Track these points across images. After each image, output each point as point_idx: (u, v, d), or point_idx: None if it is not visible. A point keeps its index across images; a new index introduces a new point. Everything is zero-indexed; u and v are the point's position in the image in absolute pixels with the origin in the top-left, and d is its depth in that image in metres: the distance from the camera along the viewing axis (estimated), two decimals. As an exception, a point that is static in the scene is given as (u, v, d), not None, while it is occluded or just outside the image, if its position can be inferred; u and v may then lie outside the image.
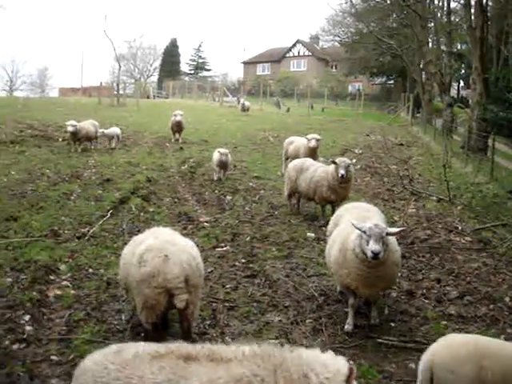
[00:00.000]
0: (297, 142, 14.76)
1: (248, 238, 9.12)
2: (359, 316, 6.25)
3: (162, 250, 4.77)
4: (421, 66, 39.67)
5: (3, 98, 56.35)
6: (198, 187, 13.03)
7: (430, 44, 36.14)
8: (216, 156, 13.41)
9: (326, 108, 48.95)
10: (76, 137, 17.18)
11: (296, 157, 13.36)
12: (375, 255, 5.13)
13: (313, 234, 9.51)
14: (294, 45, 77.09)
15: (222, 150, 13.41)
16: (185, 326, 5.01)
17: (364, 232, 5.25)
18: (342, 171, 9.88)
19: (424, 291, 7.14)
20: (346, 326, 5.92)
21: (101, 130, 18.55)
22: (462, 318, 6.34)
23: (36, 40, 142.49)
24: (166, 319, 5.55)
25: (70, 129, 16.78)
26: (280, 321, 6.10)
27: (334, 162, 10.17)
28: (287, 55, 77.40)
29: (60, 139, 19.31)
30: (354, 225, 5.37)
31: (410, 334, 5.88)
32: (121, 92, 44.09)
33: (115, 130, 19.04)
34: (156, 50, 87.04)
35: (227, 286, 7.05)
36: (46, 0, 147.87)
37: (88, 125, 17.82)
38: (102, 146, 18.71)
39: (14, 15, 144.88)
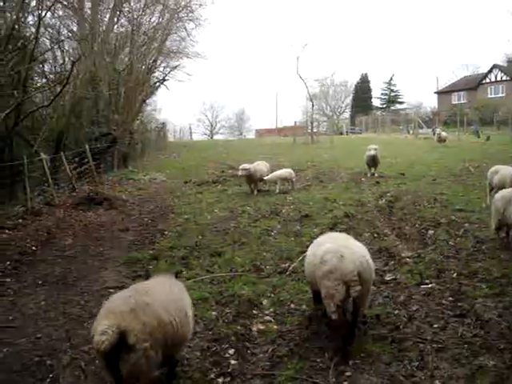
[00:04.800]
0: (503, 171, 13.65)
1: (454, 275, 8.43)
2: None
3: (337, 251, 5.89)
4: None
5: (205, 141, 60.98)
6: (398, 221, 12.49)
7: None
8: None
9: (529, 134, 45.04)
10: (251, 179, 17.22)
11: (502, 187, 12.34)
12: None
13: (526, 271, 8.56)
14: (491, 70, 72.45)
15: None
16: (354, 313, 6.13)
17: None
18: None
19: None
20: None
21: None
22: None
23: (233, 85, 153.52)
24: None
25: (241, 173, 16.86)
26: (495, 365, 5.45)
27: None
28: (483, 82, 73.12)
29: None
30: None
31: None
32: (314, 130, 45.05)
33: (282, 172, 18.22)
34: (347, 86, 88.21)
35: (434, 326, 6.55)
36: (242, 47, 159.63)
37: (261, 166, 17.90)
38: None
39: (213, 64, 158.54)
